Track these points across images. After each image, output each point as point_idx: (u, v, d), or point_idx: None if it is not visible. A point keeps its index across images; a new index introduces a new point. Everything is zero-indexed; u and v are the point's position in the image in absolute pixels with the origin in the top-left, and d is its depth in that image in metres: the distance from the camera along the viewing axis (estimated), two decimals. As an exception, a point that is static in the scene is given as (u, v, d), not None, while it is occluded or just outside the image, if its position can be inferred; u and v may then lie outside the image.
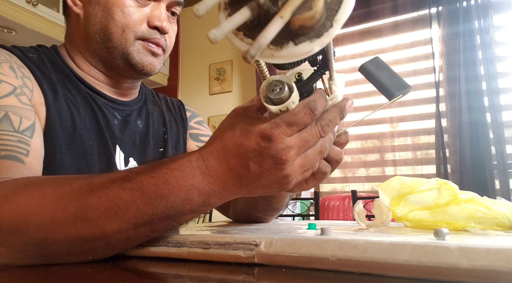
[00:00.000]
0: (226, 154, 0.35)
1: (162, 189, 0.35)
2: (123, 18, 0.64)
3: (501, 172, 1.87)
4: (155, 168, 0.36)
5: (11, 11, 1.89)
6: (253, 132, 0.34)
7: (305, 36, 0.27)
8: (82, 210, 0.34)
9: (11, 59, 0.57)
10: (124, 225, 0.35)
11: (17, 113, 0.51)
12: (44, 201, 0.35)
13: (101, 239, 0.35)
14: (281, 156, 0.33)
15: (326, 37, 0.27)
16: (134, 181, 0.35)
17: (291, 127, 0.33)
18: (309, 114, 0.34)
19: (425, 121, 2.17)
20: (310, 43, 0.27)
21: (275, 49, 0.28)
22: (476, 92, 1.97)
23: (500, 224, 0.48)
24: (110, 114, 0.68)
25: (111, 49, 0.65)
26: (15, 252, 0.35)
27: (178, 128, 0.82)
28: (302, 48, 0.27)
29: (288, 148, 0.33)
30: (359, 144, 2.33)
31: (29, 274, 0.33)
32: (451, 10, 2.09)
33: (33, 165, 0.49)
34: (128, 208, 0.34)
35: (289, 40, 0.27)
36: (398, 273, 0.27)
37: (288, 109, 0.34)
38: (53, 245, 0.35)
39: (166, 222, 0.36)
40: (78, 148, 0.60)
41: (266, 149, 0.33)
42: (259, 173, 0.34)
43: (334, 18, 0.27)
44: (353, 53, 2.42)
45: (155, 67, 0.68)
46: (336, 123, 0.37)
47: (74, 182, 0.37)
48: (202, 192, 0.35)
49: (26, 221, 0.34)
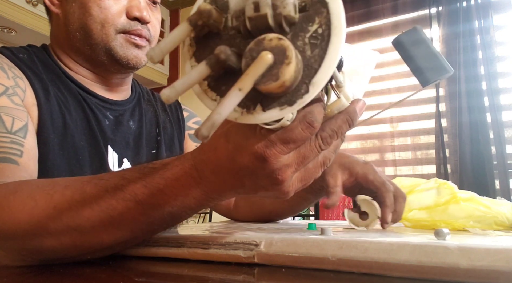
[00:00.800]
0: (220, 167, 0.32)
1: (157, 199, 0.33)
2: (101, 12, 0.62)
3: (501, 172, 1.87)
4: (148, 176, 0.34)
5: (11, 11, 1.89)
6: (246, 150, 0.30)
7: (276, 102, 0.24)
8: (75, 221, 0.34)
9: (1, 61, 0.56)
10: (120, 233, 0.35)
11: (9, 113, 0.50)
12: (36, 210, 0.34)
13: (97, 246, 0.35)
14: (277, 176, 0.30)
15: (299, 105, 0.23)
16: (127, 190, 0.34)
17: (288, 145, 0.29)
18: (307, 129, 0.29)
19: (425, 121, 2.17)
20: (280, 110, 0.24)
21: (240, 112, 0.25)
22: (476, 92, 1.98)
23: (499, 223, 0.48)
24: (102, 114, 0.67)
25: (93, 46, 0.63)
26: (13, 255, 0.35)
27: (173, 129, 0.80)
28: (271, 115, 0.24)
29: (284, 167, 0.30)
30: (359, 144, 2.33)
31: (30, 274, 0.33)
32: (451, 10, 2.09)
33: (27, 165, 0.49)
34: (123, 218, 0.34)
35: (256, 104, 0.24)
36: (398, 273, 0.27)
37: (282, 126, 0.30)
38: (49, 252, 0.35)
39: (164, 225, 0.36)
40: (69, 149, 0.59)
41: (260, 169, 0.30)
42: (255, 189, 0.32)
43: (311, 81, 0.23)
44: (353, 53, 2.42)
45: (140, 60, 0.66)
46: (342, 132, 0.32)
47: (65, 190, 0.36)
48: (199, 199, 0.34)
49: (20, 228, 0.34)
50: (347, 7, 2.36)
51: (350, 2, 2.38)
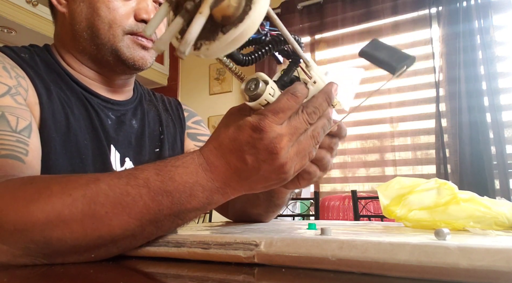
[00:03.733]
0: (223, 151, 0.37)
1: (167, 186, 0.36)
2: (109, 13, 0.63)
3: (501, 172, 1.87)
4: (161, 166, 0.37)
5: (11, 11, 1.89)
6: (244, 126, 0.35)
7: (230, 25, 0.29)
8: (90, 206, 0.35)
9: (4, 60, 0.56)
10: (131, 221, 0.35)
11: (13, 113, 0.50)
12: (51, 198, 0.35)
13: (107, 236, 0.35)
14: (274, 145, 0.35)
15: (247, 19, 0.29)
16: (140, 177, 0.36)
17: (277, 114, 0.35)
18: (291, 98, 0.36)
19: (425, 121, 2.17)
20: (235, 28, 0.29)
21: (209, 43, 0.30)
22: (476, 92, 1.98)
23: (499, 224, 0.48)
24: (104, 114, 0.67)
25: (100, 46, 0.64)
26: (17, 250, 0.35)
27: (175, 128, 0.81)
28: (231, 35, 0.29)
29: (279, 136, 0.35)
30: (359, 144, 2.33)
31: (30, 274, 0.33)
32: (451, 10, 2.09)
33: (33, 164, 0.49)
34: (135, 204, 0.35)
35: (218, 32, 0.30)
36: (398, 273, 0.27)
37: (268, 102, 0.37)
38: (58, 243, 0.35)
39: (171, 219, 0.37)
40: (72, 148, 0.60)
41: (259, 140, 0.35)
42: (257, 165, 0.36)
43: (252, 1, 0.29)
44: (353, 53, 2.42)
45: (146, 61, 0.67)
46: (323, 109, 0.38)
47: (80, 179, 0.37)
48: (206, 188, 0.37)
49: (32, 218, 0.34)
50: (347, 7, 2.38)
51: (350, 2, 2.38)
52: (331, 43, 2.47)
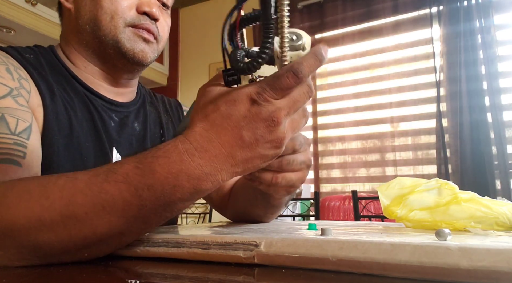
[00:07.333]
0: (216, 130, 0.34)
1: (148, 179, 0.33)
2: (111, 4, 0.63)
3: (502, 172, 1.87)
4: (141, 158, 0.35)
5: (10, 11, 1.89)
6: (240, 100, 0.33)
7: None
8: (68, 208, 0.33)
9: (8, 61, 0.56)
10: (114, 220, 0.34)
11: (13, 114, 0.50)
12: (30, 202, 0.34)
13: (92, 236, 0.34)
14: (273, 118, 0.33)
15: None
16: (119, 172, 0.34)
17: (276, 91, 0.33)
18: (292, 78, 0.33)
19: (425, 121, 2.17)
20: None
21: None
22: (477, 92, 1.97)
23: (500, 224, 0.47)
24: (107, 115, 0.67)
25: (101, 38, 0.64)
26: (11, 254, 0.35)
27: (175, 130, 0.81)
28: None
29: (278, 109, 0.34)
30: (360, 144, 2.33)
31: (28, 275, 0.33)
32: (452, 10, 2.09)
33: (31, 167, 0.49)
34: (115, 201, 0.33)
35: None
36: (399, 273, 0.27)
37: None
38: (46, 246, 0.34)
39: (158, 213, 0.35)
40: (75, 150, 0.59)
41: (257, 114, 0.33)
42: (254, 141, 0.34)
43: None
44: (354, 52, 2.42)
45: (147, 55, 0.67)
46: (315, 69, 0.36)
47: (58, 179, 0.36)
48: (192, 176, 0.33)
49: (16, 224, 0.34)
50: (347, 7, 2.38)
51: (350, 1, 2.38)
52: (332, 42, 2.47)
